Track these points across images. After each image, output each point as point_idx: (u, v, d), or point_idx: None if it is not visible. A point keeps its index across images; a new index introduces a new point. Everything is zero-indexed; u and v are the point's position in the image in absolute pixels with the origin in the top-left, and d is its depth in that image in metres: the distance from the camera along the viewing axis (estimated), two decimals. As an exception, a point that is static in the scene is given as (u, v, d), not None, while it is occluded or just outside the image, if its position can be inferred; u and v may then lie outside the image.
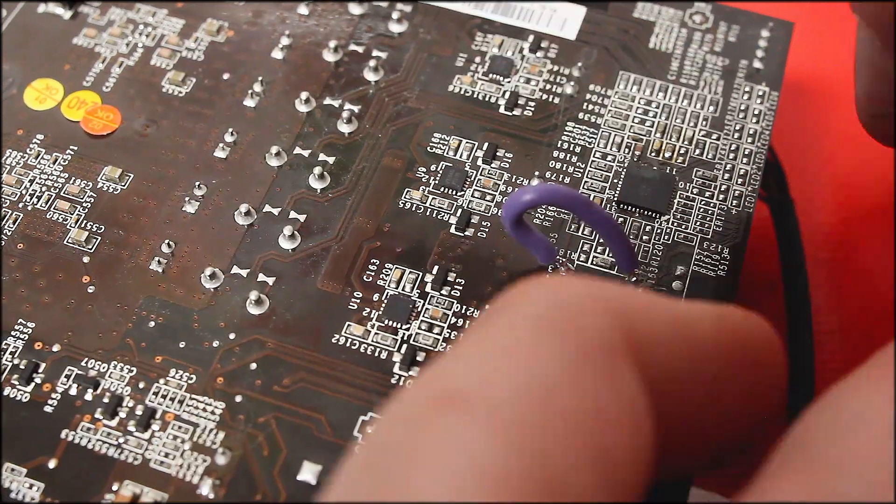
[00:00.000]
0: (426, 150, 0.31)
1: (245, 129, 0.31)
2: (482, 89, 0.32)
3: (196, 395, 0.26)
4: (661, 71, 0.33)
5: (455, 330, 0.27)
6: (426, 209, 0.29)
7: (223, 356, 0.27)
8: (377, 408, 0.26)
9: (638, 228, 0.29)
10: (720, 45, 0.33)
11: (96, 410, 0.26)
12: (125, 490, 0.25)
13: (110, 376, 0.27)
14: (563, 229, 0.29)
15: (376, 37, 0.33)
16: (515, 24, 0.34)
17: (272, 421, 0.26)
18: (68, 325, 0.27)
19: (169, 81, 0.32)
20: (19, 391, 0.26)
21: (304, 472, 0.25)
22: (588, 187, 0.30)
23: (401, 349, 0.27)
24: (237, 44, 0.33)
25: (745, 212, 0.29)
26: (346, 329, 0.27)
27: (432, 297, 0.28)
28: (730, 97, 0.32)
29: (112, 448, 0.26)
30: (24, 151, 0.31)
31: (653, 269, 0.28)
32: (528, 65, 0.33)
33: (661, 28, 0.34)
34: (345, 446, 0.25)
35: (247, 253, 0.29)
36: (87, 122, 0.31)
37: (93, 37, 0.33)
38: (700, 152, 0.31)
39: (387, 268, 0.28)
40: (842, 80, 0.41)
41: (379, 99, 0.32)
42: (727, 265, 0.28)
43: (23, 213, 0.29)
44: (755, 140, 0.31)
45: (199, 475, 0.25)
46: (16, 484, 0.25)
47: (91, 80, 0.32)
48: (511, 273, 0.28)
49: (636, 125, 0.31)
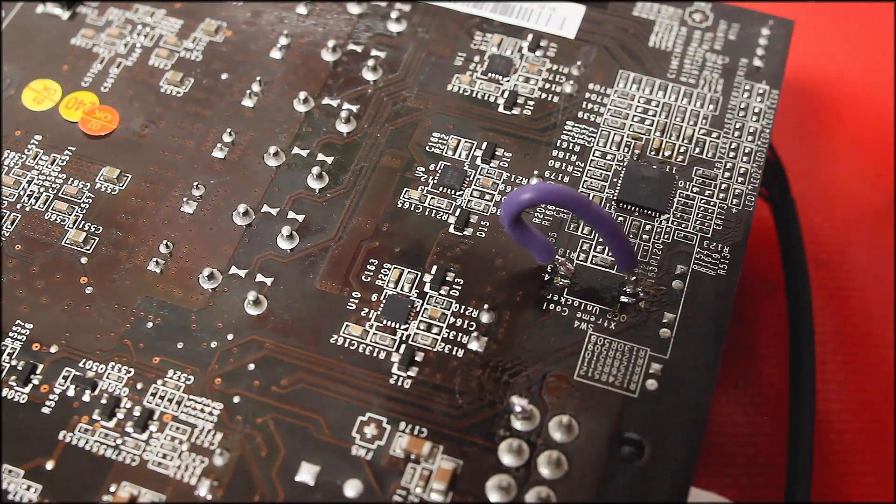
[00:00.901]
0: (425, 149, 0.31)
1: (243, 129, 0.31)
2: (481, 88, 0.32)
3: (194, 395, 0.26)
4: (660, 69, 0.32)
5: (454, 330, 0.27)
6: (425, 209, 0.29)
7: (221, 357, 0.27)
8: (375, 408, 0.26)
9: (638, 227, 0.29)
10: (720, 44, 0.33)
11: (94, 411, 0.26)
12: (123, 491, 0.25)
13: (108, 377, 0.27)
14: (563, 228, 0.29)
15: (375, 36, 0.33)
16: (514, 22, 0.33)
17: (270, 422, 0.26)
18: (66, 326, 0.27)
19: (167, 82, 0.32)
20: (17, 392, 0.26)
21: (303, 472, 0.25)
22: (587, 186, 0.30)
23: (399, 349, 0.27)
24: (235, 44, 0.33)
25: (745, 210, 0.29)
26: (344, 329, 0.27)
27: (431, 296, 0.28)
28: (730, 95, 0.32)
29: (110, 449, 0.26)
30: (22, 152, 0.31)
31: (653, 268, 0.28)
32: (527, 64, 0.32)
33: (660, 26, 0.34)
34: (343, 447, 0.25)
35: (245, 253, 0.29)
36: (85, 122, 0.31)
37: (91, 37, 0.33)
38: (700, 151, 0.31)
39: (385, 268, 0.28)
40: (843, 79, 0.41)
41: (377, 98, 0.32)
42: (727, 264, 0.28)
43: (21, 214, 0.29)
44: (755, 138, 0.31)
45: (196, 476, 0.25)
46: (13, 485, 0.25)
47: (89, 81, 0.32)
48: (510, 273, 0.28)
49: (636, 124, 0.31)
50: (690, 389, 0.26)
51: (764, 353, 0.35)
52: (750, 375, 0.34)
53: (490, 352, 0.27)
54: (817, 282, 0.36)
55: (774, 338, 0.35)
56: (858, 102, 0.40)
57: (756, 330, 0.35)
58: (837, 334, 0.35)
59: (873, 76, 0.41)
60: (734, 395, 0.34)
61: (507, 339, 0.27)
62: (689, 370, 0.27)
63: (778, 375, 0.34)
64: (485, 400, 0.26)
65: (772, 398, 0.34)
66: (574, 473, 0.25)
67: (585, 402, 0.26)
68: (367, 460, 0.25)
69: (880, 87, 0.41)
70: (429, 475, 0.25)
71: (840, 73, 0.41)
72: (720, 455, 0.33)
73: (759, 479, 0.32)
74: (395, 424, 0.26)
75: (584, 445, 0.25)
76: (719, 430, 0.33)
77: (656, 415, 0.26)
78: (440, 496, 0.25)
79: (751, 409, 0.34)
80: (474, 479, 0.25)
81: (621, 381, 0.26)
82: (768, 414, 0.34)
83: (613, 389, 0.26)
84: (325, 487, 0.25)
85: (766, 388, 0.34)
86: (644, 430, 0.26)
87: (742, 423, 0.33)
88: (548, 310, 0.28)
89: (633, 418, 0.26)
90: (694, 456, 0.25)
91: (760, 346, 0.35)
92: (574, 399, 0.26)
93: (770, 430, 0.33)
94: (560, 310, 0.28)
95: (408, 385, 0.26)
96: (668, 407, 0.26)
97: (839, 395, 0.34)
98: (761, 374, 0.34)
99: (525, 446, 0.25)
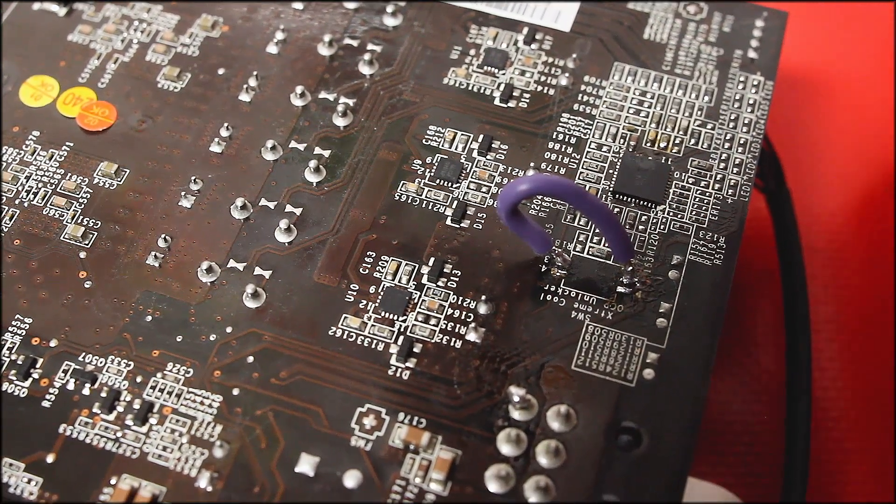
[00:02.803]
0: (421, 142, 0.31)
1: (240, 123, 0.31)
2: (477, 82, 0.32)
3: (193, 388, 0.26)
4: (655, 61, 0.33)
5: (452, 321, 0.27)
6: (422, 201, 0.30)
7: (220, 349, 0.27)
8: (374, 399, 0.26)
9: (634, 218, 0.29)
10: (714, 36, 0.33)
11: (94, 405, 0.26)
12: (123, 484, 0.25)
13: (108, 371, 0.27)
14: (559, 220, 0.29)
15: (371, 30, 0.33)
16: (510, 16, 0.34)
17: (269, 413, 0.26)
18: (65, 320, 0.27)
19: (164, 77, 0.32)
20: (17, 387, 0.26)
21: (302, 464, 0.25)
22: (583, 178, 0.30)
23: (397, 341, 0.27)
24: (232, 39, 0.33)
25: (740, 201, 0.29)
26: (342, 321, 0.27)
27: (428, 288, 0.28)
28: (724, 87, 0.32)
29: (110, 442, 0.26)
30: (21, 148, 0.31)
31: (649, 259, 0.28)
32: (522, 57, 0.33)
33: (655, 19, 0.34)
34: (342, 438, 0.26)
35: (243, 247, 0.29)
36: (82, 118, 0.31)
37: (88, 33, 0.33)
38: (695, 142, 0.31)
39: (383, 260, 0.28)
40: (837, 70, 0.41)
41: (374, 92, 0.32)
42: (723, 254, 0.28)
43: (19, 210, 0.29)
44: (750, 129, 0.31)
45: (197, 468, 0.25)
46: (14, 479, 0.25)
47: (86, 77, 0.32)
48: (507, 264, 0.28)
49: (631, 116, 0.31)
50: (687, 378, 0.26)
51: (760, 342, 0.35)
52: (747, 363, 0.34)
53: (488, 343, 0.27)
54: (812, 270, 0.36)
55: (770, 326, 0.35)
56: (852, 92, 0.41)
57: (752, 319, 0.35)
58: (833, 322, 0.35)
59: (867, 66, 0.41)
60: (730, 383, 0.34)
61: (505, 330, 0.27)
62: (686, 359, 0.27)
63: (775, 364, 0.34)
64: (483, 390, 0.26)
65: (769, 386, 0.34)
66: (572, 463, 0.25)
67: (583, 391, 0.26)
68: (366, 451, 0.25)
69: (875, 77, 0.41)
70: (428, 465, 0.25)
71: (834, 63, 0.41)
72: (717, 443, 0.33)
73: (756, 466, 0.33)
74: (393, 415, 0.26)
75: (582, 435, 0.26)
76: (716, 417, 0.33)
77: (653, 404, 0.26)
78: (439, 486, 0.25)
79: (748, 397, 0.34)
80: (473, 468, 0.25)
81: (619, 370, 0.27)
82: (765, 402, 0.34)
83: (611, 379, 0.26)
84: (325, 478, 0.25)
85: (764, 377, 0.34)
86: (641, 420, 0.26)
87: (739, 411, 0.33)
88: (545, 300, 0.28)
89: (631, 408, 0.26)
90: (691, 444, 0.25)
91: (757, 334, 0.35)
92: (572, 389, 0.26)
93: (767, 417, 0.33)
94: (557, 300, 0.28)
95: (406, 376, 0.26)
96: (666, 396, 0.26)
97: (835, 381, 0.34)
98: (758, 362, 0.34)
99: (523, 436, 0.25)
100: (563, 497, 0.25)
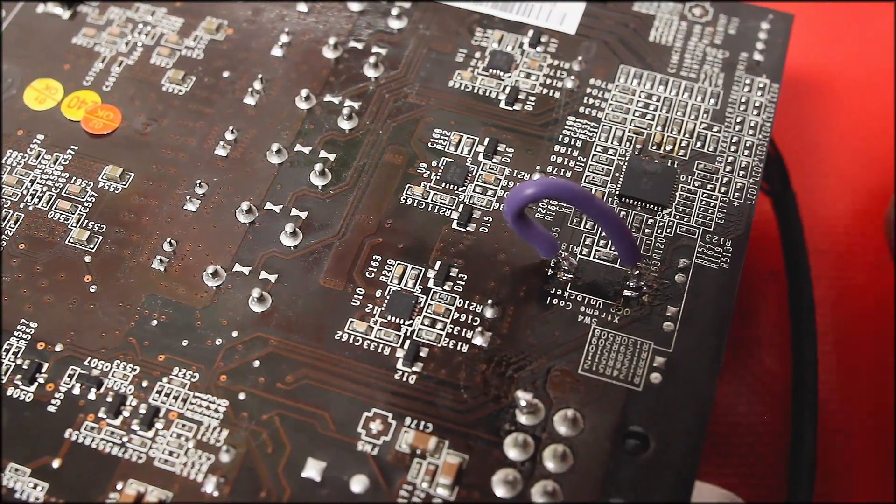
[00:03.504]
0: (427, 145, 0.31)
1: (245, 126, 0.31)
2: (482, 84, 0.32)
3: (199, 393, 0.26)
4: (661, 64, 0.32)
5: (458, 325, 0.27)
6: (428, 205, 0.29)
7: (226, 354, 0.27)
8: (381, 404, 0.26)
9: (640, 222, 0.29)
10: (720, 38, 0.33)
11: (100, 410, 0.26)
12: (129, 489, 0.25)
13: (113, 375, 0.27)
14: (565, 223, 0.29)
15: (376, 33, 0.33)
16: (515, 18, 0.34)
17: (276, 418, 0.26)
18: (71, 324, 0.27)
19: (169, 80, 0.32)
20: (22, 391, 0.26)
21: (309, 468, 0.25)
22: (589, 181, 0.30)
23: (404, 345, 0.27)
24: (237, 42, 0.33)
25: (746, 204, 0.29)
26: (348, 325, 0.27)
27: (435, 292, 0.28)
28: (730, 90, 0.32)
29: (116, 447, 0.26)
30: (25, 152, 0.31)
31: (655, 263, 0.28)
32: (528, 59, 0.33)
33: (660, 21, 0.34)
34: (349, 443, 0.25)
35: (249, 250, 0.29)
36: (87, 121, 0.31)
37: (92, 36, 0.33)
38: (701, 145, 0.31)
39: (389, 264, 0.28)
40: (843, 73, 0.41)
41: (379, 95, 0.32)
42: (730, 257, 0.28)
43: (24, 214, 0.29)
44: (756, 132, 0.31)
45: (203, 473, 0.25)
46: (20, 484, 0.25)
47: (91, 80, 0.32)
48: (513, 268, 0.28)
49: (637, 119, 0.31)
50: (694, 382, 0.26)
51: (766, 344, 0.35)
52: (752, 366, 0.34)
53: (494, 347, 0.27)
54: (817, 272, 0.36)
55: (776, 328, 0.35)
56: (858, 95, 0.40)
57: (758, 321, 0.35)
58: (839, 324, 0.35)
59: (872, 68, 0.41)
60: (736, 385, 0.34)
61: (511, 334, 0.27)
62: (693, 363, 0.27)
63: (780, 366, 0.34)
64: (490, 395, 0.26)
65: (774, 388, 0.34)
66: (579, 467, 0.25)
67: (590, 395, 0.26)
68: (372, 456, 0.25)
69: (879, 79, 0.41)
70: (435, 470, 0.25)
71: (840, 66, 0.41)
72: (723, 445, 0.33)
73: (759, 467, 0.33)
74: (400, 420, 0.26)
75: (588, 439, 0.26)
76: (720, 419, 0.33)
77: (660, 408, 0.26)
78: (446, 491, 0.25)
79: (753, 399, 0.34)
80: (480, 473, 0.25)
81: (625, 374, 0.26)
82: (769, 403, 0.34)
83: (617, 383, 0.26)
84: (332, 483, 0.25)
85: (769, 379, 0.34)
86: (648, 424, 0.26)
87: (744, 413, 0.33)
88: (551, 304, 0.28)
89: (638, 412, 0.26)
90: (698, 448, 0.25)
91: (762, 336, 0.35)
92: (578, 393, 0.26)
93: (772, 419, 0.33)
94: (563, 304, 0.28)
95: (413, 380, 0.26)
96: (672, 400, 0.26)
97: (840, 385, 0.34)
98: (763, 364, 0.34)
99: (530, 440, 0.25)
100: (570, 501, 0.25)
